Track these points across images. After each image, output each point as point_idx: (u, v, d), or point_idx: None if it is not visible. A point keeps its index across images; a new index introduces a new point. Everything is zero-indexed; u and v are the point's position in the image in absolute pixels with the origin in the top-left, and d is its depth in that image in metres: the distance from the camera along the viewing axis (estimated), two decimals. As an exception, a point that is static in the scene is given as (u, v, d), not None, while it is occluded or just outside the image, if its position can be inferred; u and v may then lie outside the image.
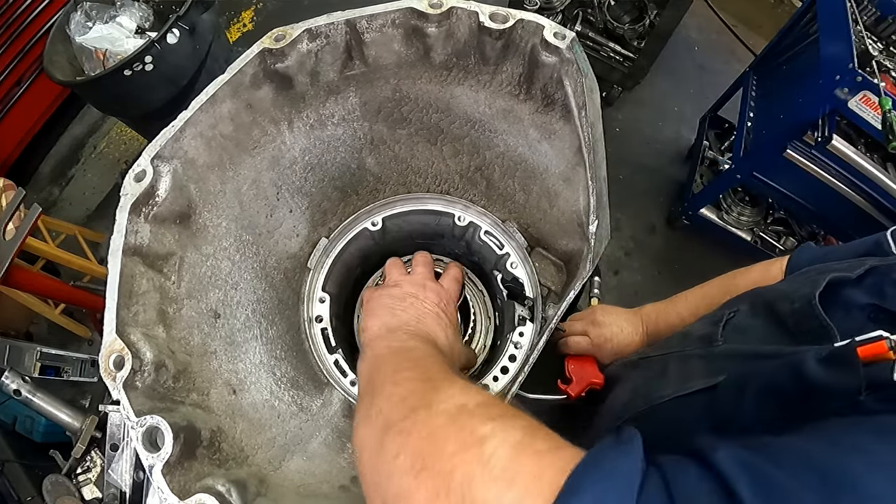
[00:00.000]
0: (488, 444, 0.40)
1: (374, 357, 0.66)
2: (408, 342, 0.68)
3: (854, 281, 0.61)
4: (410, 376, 0.55)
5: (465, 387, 0.51)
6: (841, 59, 1.78)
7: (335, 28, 0.73)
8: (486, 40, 0.73)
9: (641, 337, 0.99)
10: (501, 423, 0.43)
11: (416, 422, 0.47)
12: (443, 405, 0.47)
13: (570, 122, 0.76)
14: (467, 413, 0.45)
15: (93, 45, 2.21)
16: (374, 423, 0.51)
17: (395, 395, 0.52)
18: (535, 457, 0.39)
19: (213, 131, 0.73)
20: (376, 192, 0.96)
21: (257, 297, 0.82)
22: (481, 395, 0.49)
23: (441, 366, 0.61)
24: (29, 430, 1.69)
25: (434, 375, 0.55)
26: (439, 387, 0.51)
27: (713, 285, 0.97)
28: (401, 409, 0.49)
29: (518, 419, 0.44)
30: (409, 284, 0.80)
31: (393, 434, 0.47)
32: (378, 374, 0.60)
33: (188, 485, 0.54)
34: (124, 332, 0.60)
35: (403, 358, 0.62)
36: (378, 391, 0.55)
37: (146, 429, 0.54)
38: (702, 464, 0.37)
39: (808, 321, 0.60)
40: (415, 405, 0.49)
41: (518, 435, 0.41)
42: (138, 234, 0.66)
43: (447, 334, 0.76)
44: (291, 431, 0.75)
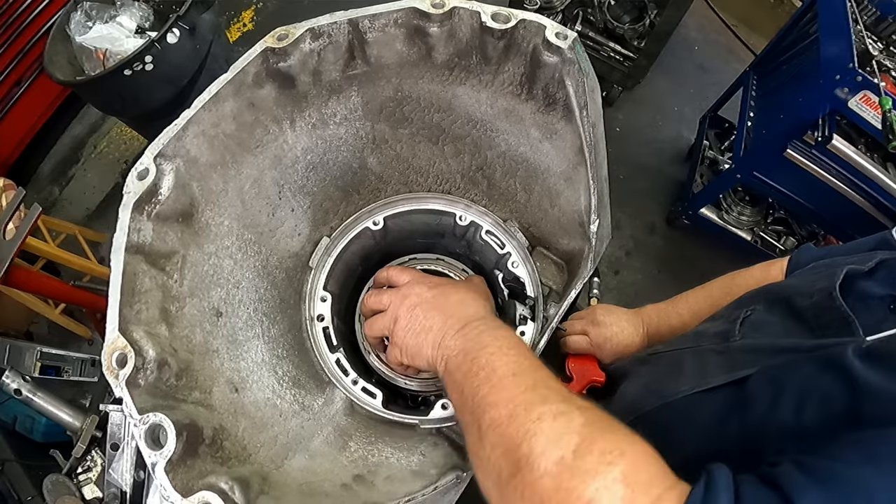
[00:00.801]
0: None
1: (451, 385, 0.64)
2: (466, 346, 0.65)
3: (866, 273, 0.61)
4: (496, 417, 0.54)
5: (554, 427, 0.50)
6: (841, 59, 1.79)
7: (338, 27, 0.73)
8: (488, 40, 0.73)
9: (642, 338, 0.99)
10: (602, 479, 0.44)
11: (526, 486, 0.48)
12: (543, 462, 0.47)
13: (572, 121, 0.76)
14: (568, 471, 0.46)
15: (93, 45, 2.21)
16: (488, 475, 0.54)
17: (497, 445, 0.53)
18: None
19: (216, 130, 0.73)
20: (378, 191, 0.96)
21: (259, 295, 0.82)
22: (572, 435, 0.48)
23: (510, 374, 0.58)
24: (29, 429, 1.69)
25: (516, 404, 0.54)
26: (530, 432, 0.50)
27: (714, 286, 0.97)
28: (506, 465, 0.51)
29: (616, 465, 0.45)
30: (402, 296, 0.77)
31: (510, 495, 0.49)
32: (465, 408, 0.59)
33: (191, 482, 0.54)
34: (127, 330, 0.60)
35: (477, 379, 0.59)
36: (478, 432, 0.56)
37: (149, 426, 0.54)
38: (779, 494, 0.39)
39: (829, 314, 0.60)
40: (517, 461, 0.49)
41: (620, 492, 0.42)
42: (141, 232, 0.66)
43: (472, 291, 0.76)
44: (293, 430, 0.75)
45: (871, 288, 0.60)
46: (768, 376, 0.59)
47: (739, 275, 0.95)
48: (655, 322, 0.99)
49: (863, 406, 0.48)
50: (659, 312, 1.00)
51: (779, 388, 0.57)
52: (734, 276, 0.96)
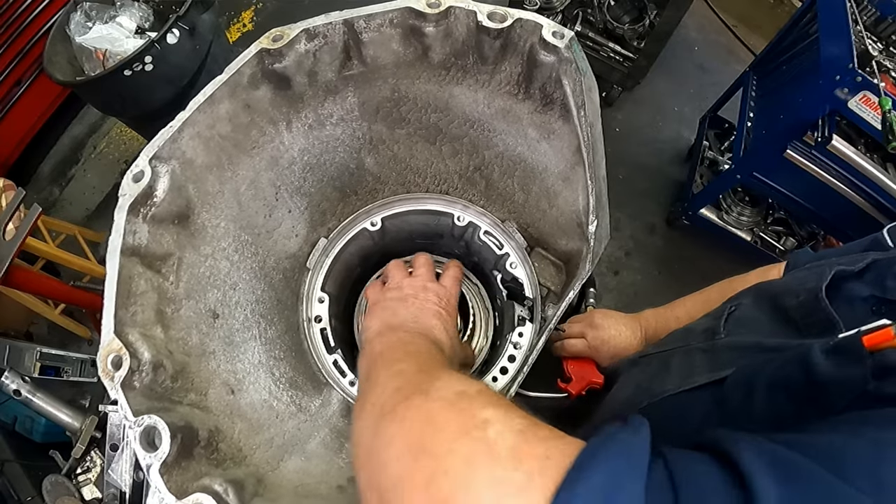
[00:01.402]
0: (491, 428, 0.39)
1: (371, 353, 0.65)
2: (406, 338, 0.68)
3: (856, 274, 0.61)
4: (406, 368, 0.55)
5: (463, 377, 0.50)
6: (841, 60, 1.78)
7: (333, 28, 0.73)
8: (485, 40, 0.73)
9: (640, 341, 0.99)
10: (503, 410, 0.42)
11: (411, 407, 0.45)
12: (440, 392, 0.45)
13: (569, 121, 0.76)
14: (467, 398, 0.44)
15: (93, 45, 2.21)
16: (368, 415, 0.50)
17: (390, 386, 0.51)
18: (541, 441, 0.38)
19: (212, 132, 0.73)
20: (375, 192, 0.96)
21: (256, 297, 0.82)
22: (480, 384, 0.48)
23: (439, 359, 0.61)
24: (29, 430, 1.69)
25: (431, 367, 0.55)
26: (436, 376, 0.50)
27: (712, 290, 0.97)
28: (395, 397, 0.48)
29: (518, 409, 0.43)
30: (411, 286, 0.80)
31: (387, 422, 0.46)
32: (374, 369, 0.59)
33: (185, 484, 0.54)
34: (122, 333, 0.60)
35: (401, 352, 0.62)
36: (374, 384, 0.54)
37: (144, 428, 0.54)
38: (716, 457, 0.36)
39: (814, 314, 0.60)
40: (410, 393, 0.47)
41: (520, 423, 0.40)
42: (136, 234, 0.66)
43: (448, 332, 0.76)
44: (290, 431, 0.75)
45: (858, 289, 0.60)
46: (743, 375, 0.60)
47: (737, 280, 0.95)
48: (653, 326, 0.99)
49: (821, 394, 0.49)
50: (657, 317, 1.00)
51: (751, 384, 0.57)
52: (732, 280, 0.96)
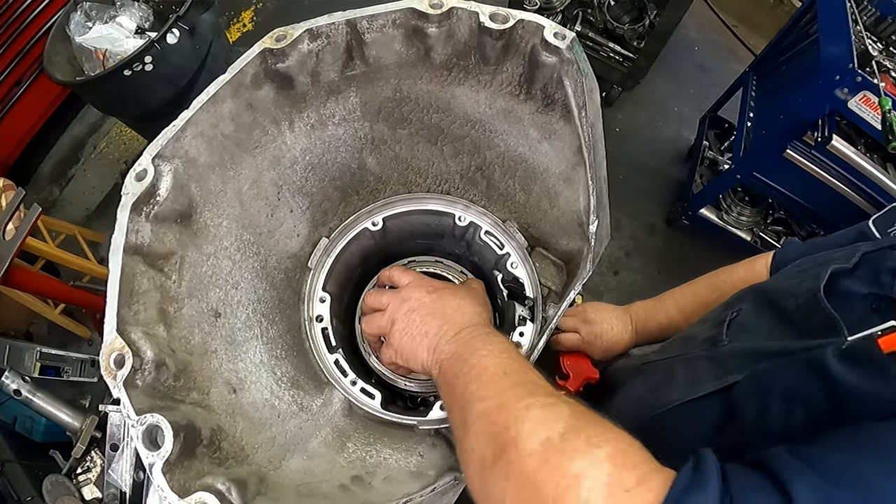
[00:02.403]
0: (583, 487, 0.42)
1: (444, 387, 0.65)
2: (459, 350, 0.66)
3: (850, 271, 0.61)
4: (487, 408, 0.55)
5: (543, 411, 0.51)
6: (841, 60, 1.78)
7: (336, 28, 0.73)
8: (487, 40, 0.73)
9: (631, 334, 1.00)
10: (589, 457, 0.44)
11: (511, 465, 0.48)
12: (530, 443, 0.47)
13: (571, 122, 0.76)
14: (554, 451, 0.46)
15: (93, 45, 2.21)
16: (472, 465, 0.53)
17: (482, 434, 0.53)
18: (624, 497, 0.41)
19: (215, 131, 0.73)
20: (377, 191, 0.96)
21: (258, 296, 0.82)
22: (559, 422, 0.49)
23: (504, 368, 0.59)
24: (29, 430, 1.69)
25: (507, 395, 0.55)
26: (519, 416, 0.51)
27: (700, 283, 0.98)
28: (491, 450, 0.50)
29: (602, 445, 0.45)
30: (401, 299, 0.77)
31: (493, 478, 0.49)
32: (455, 406, 0.60)
33: (188, 483, 0.54)
34: (125, 331, 0.60)
35: (468, 378, 0.60)
36: (466, 428, 0.56)
37: (146, 427, 0.54)
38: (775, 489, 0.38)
39: (815, 316, 0.61)
40: (503, 444, 0.49)
41: (607, 470, 0.42)
42: (139, 233, 0.66)
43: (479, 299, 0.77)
44: (291, 431, 0.75)
45: (854, 286, 0.60)
46: (754, 382, 0.60)
47: (724, 271, 0.96)
48: (643, 318, 1.00)
49: (843, 406, 0.49)
50: (647, 309, 1.01)
51: (765, 394, 0.57)
52: (719, 272, 0.96)
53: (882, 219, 0.76)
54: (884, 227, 0.74)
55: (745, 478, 0.41)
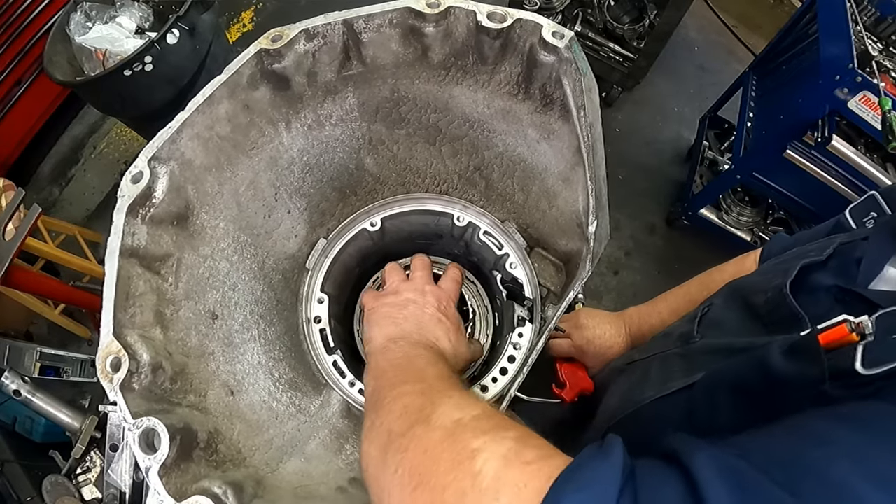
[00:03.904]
0: (479, 458, 0.42)
1: (377, 369, 0.67)
2: (410, 352, 0.69)
3: (822, 263, 0.61)
4: (410, 390, 0.57)
5: (462, 400, 0.52)
6: (841, 60, 1.78)
7: (332, 28, 0.73)
8: (485, 40, 0.73)
9: (625, 339, 0.99)
10: (493, 434, 0.44)
11: (414, 437, 0.48)
12: (440, 420, 0.48)
13: (569, 121, 0.76)
14: (462, 427, 0.47)
15: (93, 46, 2.21)
16: (377, 439, 0.53)
17: (396, 410, 0.54)
18: (522, 467, 0.40)
19: (211, 132, 0.73)
20: (375, 192, 0.96)
21: (255, 298, 0.82)
22: (477, 408, 0.50)
23: (441, 376, 0.62)
24: (29, 430, 1.69)
25: (433, 388, 0.57)
26: (437, 401, 0.52)
27: (692, 284, 0.98)
28: (401, 424, 0.51)
29: (510, 430, 0.45)
30: (409, 290, 0.81)
31: (393, 450, 0.49)
32: (380, 388, 0.61)
33: (184, 486, 0.54)
34: (121, 334, 0.59)
35: (405, 370, 0.63)
36: (380, 405, 0.57)
37: (143, 430, 0.54)
38: (676, 467, 0.38)
39: (780, 310, 0.61)
40: (413, 421, 0.50)
41: (508, 445, 0.42)
42: (135, 235, 0.66)
43: (450, 337, 0.76)
44: (289, 433, 0.75)
45: (822, 279, 0.60)
46: (709, 380, 0.60)
47: (715, 270, 0.96)
48: (637, 323, 1.00)
49: (776, 394, 0.50)
50: (640, 313, 1.01)
51: (716, 391, 0.58)
52: (710, 272, 0.96)
53: (858, 208, 0.76)
54: (859, 217, 0.75)
55: (650, 463, 0.40)
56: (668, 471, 0.38)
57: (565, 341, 0.98)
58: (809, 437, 0.38)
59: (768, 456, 0.37)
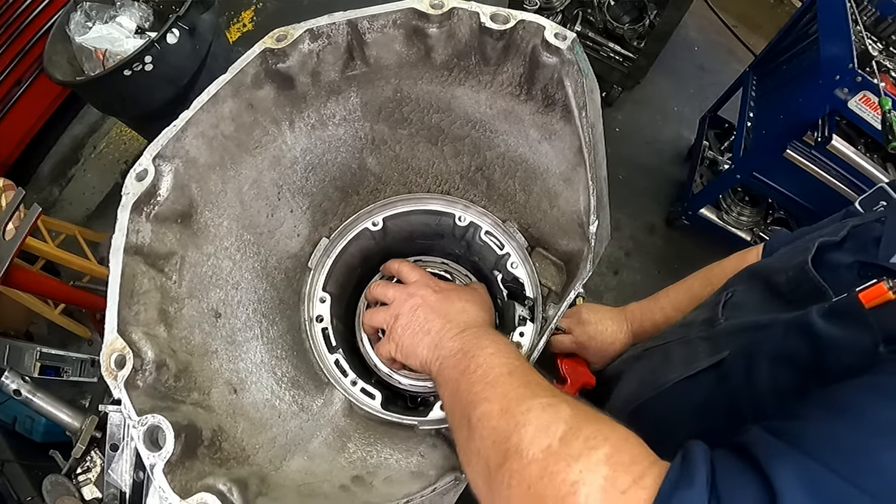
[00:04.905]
0: (580, 493, 0.43)
1: (445, 383, 0.66)
2: (464, 346, 0.66)
3: (838, 244, 0.63)
4: (489, 410, 0.55)
5: (544, 415, 0.51)
6: (841, 60, 1.78)
7: (337, 28, 0.73)
8: (487, 41, 0.73)
9: (626, 334, 1.00)
10: (585, 460, 0.45)
11: (513, 473, 0.49)
12: (531, 450, 0.48)
13: (571, 122, 0.76)
14: (554, 457, 0.47)
15: (93, 45, 2.21)
16: (477, 466, 0.55)
17: (487, 437, 0.54)
18: (619, 497, 0.42)
19: (215, 131, 0.73)
20: (377, 192, 0.96)
21: (258, 296, 0.82)
22: (560, 425, 0.50)
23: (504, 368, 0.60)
24: (29, 430, 1.69)
25: (509, 399, 0.55)
26: (520, 422, 0.52)
27: (694, 278, 0.99)
28: (496, 456, 0.52)
29: (600, 448, 0.46)
30: (402, 300, 0.79)
31: (497, 485, 0.50)
32: (457, 405, 0.61)
33: (189, 484, 0.54)
34: (125, 332, 0.60)
35: (473, 377, 0.61)
36: (469, 430, 0.57)
37: (147, 428, 0.54)
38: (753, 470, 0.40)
39: (804, 285, 0.62)
40: (506, 451, 0.50)
41: (603, 472, 0.44)
42: (139, 233, 0.66)
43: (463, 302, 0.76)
44: (292, 431, 0.75)
45: (841, 258, 0.62)
46: (742, 351, 0.61)
47: (717, 265, 0.96)
48: (639, 318, 1.00)
49: (826, 360, 0.51)
50: (642, 309, 1.01)
51: (751, 359, 0.59)
52: (712, 267, 0.97)
53: (868, 199, 0.78)
54: (869, 207, 0.77)
55: (730, 470, 0.42)
56: (745, 475, 0.40)
57: (567, 337, 0.99)
58: (871, 423, 0.40)
59: (834, 448, 0.39)
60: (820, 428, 0.42)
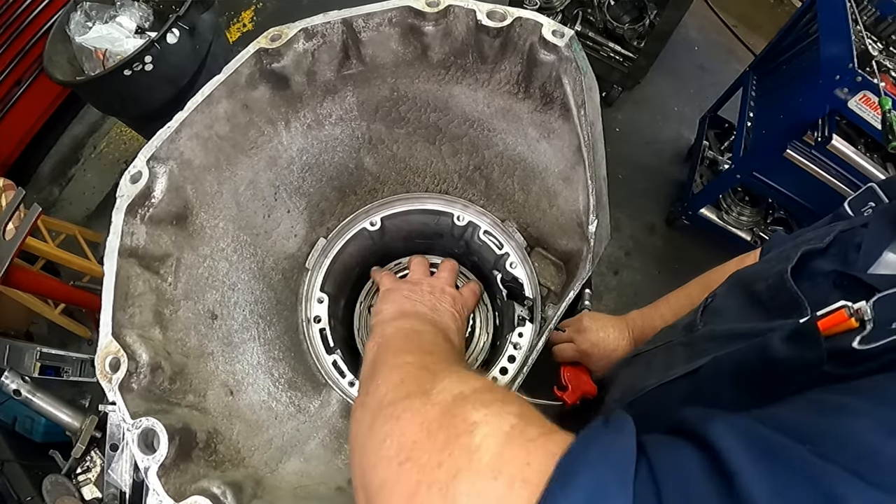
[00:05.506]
0: (478, 433, 0.39)
1: (381, 337, 0.65)
2: (419, 326, 0.68)
3: (823, 250, 0.62)
4: (412, 360, 0.54)
5: (466, 375, 0.49)
6: (841, 59, 1.78)
7: (331, 27, 0.72)
8: (484, 39, 0.73)
9: (628, 341, 0.99)
10: (495, 408, 0.41)
11: (410, 408, 0.45)
12: (440, 395, 0.45)
13: (570, 120, 0.76)
14: (462, 399, 0.43)
15: (93, 45, 2.21)
16: (368, 405, 0.50)
17: (394, 378, 0.51)
18: (525, 444, 0.37)
19: (210, 132, 0.72)
20: (375, 191, 0.96)
21: (255, 297, 0.82)
22: (480, 382, 0.47)
23: (447, 353, 0.61)
24: (29, 430, 1.69)
25: (437, 361, 0.54)
26: (439, 374, 0.49)
27: (693, 285, 0.99)
28: (396, 393, 0.48)
29: (513, 405, 0.42)
30: (431, 285, 0.83)
31: (384, 417, 0.46)
32: (382, 356, 0.58)
33: (183, 486, 0.54)
34: (120, 334, 0.59)
35: (411, 341, 0.61)
36: (378, 372, 0.54)
37: (142, 431, 0.54)
38: (689, 440, 0.35)
39: (781, 296, 0.61)
40: (411, 391, 0.47)
41: (511, 421, 0.39)
42: (134, 235, 0.65)
43: (459, 336, 0.77)
44: (289, 433, 0.75)
45: (822, 265, 0.60)
46: (714, 365, 0.60)
47: (717, 271, 0.96)
48: (640, 325, 1.00)
49: (775, 380, 0.50)
50: (643, 316, 1.01)
51: (720, 377, 0.58)
52: (711, 272, 0.97)
53: (857, 200, 0.77)
54: (858, 208, 0.76)
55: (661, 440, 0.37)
56: (681, 444, 0.35)
57: (569, 346, 0.98)
58: (822, 407, 0.37)
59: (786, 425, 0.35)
60: (765, 411, 0.39)
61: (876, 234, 0.59)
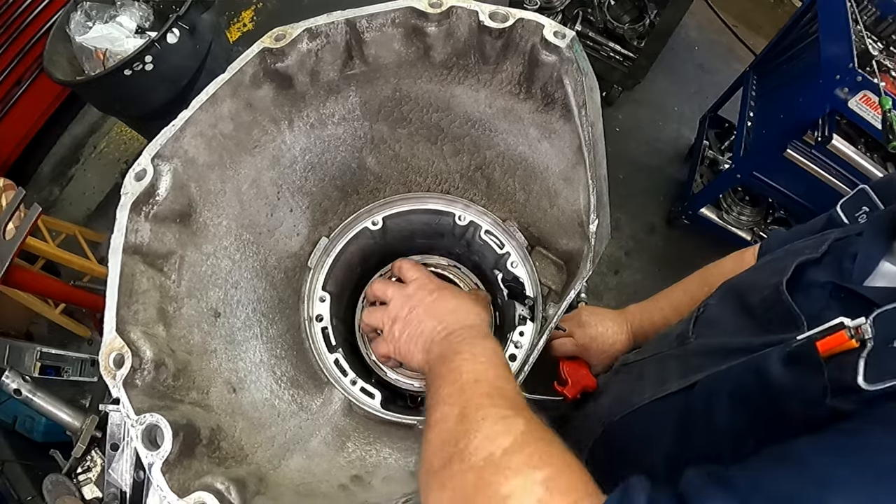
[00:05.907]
0: None
1: (427, 385, 0.67)
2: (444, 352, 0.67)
3: (817, 261, 0.61)
4: (449, 413, 0.56)
5: (496, 426, 0.51)
6: (841, 59, 1.78)
7: (335, 27, 0.73)
8: (486, 39, 0.73)
9: (627, 336, 1.00)
10: (523, 479, 0.44)
11: (452, 476, 0.49)
12: (473, 457, 0.48)
13: (571, 121, 0.76)
14: (493, 467, 0.47)
15: (93, 45, 2.21)
16: (425, 460, 0.54)
17: (437, 437, 0.54)
18: None
19: (214, 130, 0.73)
20: (377, 191, 0.96)
21: (258, 295, 0.82)
22: (508, 436, 0.49)
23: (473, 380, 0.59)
24: (29, 429, 1.69)
25: (469, 406, 0.55)
26: (471, 429, 0.51)
27: (692, 279, 0.99)
28: (440, 456, 0.52)
29: (541, 468, 0.45)
30: (414, 287, 0.80)
31: (435, 488, 0.50)
32: (428, 406, 0.61)
33: (187, 483, 0.54)
34: (124, 331, 0.60)
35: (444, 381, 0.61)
36: (428, 426, 0.57)
37: (146, 427, 0.54)
38: None
39: (776, 308, 0.61)
40: (450, 455, 0.50)
41: (538, 494, 0.43)
42: (138, 232, 0.66)
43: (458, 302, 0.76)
44: (291, 430, 0.75)
45: (817, 276, 0.60)
46: (708, 383, 0.60)
47: (714, 266, 0.96)
48: (639, 319, 1.00)
49: (776, 405, 0.50)
50: (641, 310, 1.01)
51: (714, 397, 0.58)
52: (709, 268, 0.97)
53: (849, 203, 0.75)
54: (851, 212, 0.74)
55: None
56: None
57: (569, 340, 0.99)
58: (809, 475, 0.39)
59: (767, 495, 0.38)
60: (759, 475, 0.41)
61: (871, 244, 0.59)
